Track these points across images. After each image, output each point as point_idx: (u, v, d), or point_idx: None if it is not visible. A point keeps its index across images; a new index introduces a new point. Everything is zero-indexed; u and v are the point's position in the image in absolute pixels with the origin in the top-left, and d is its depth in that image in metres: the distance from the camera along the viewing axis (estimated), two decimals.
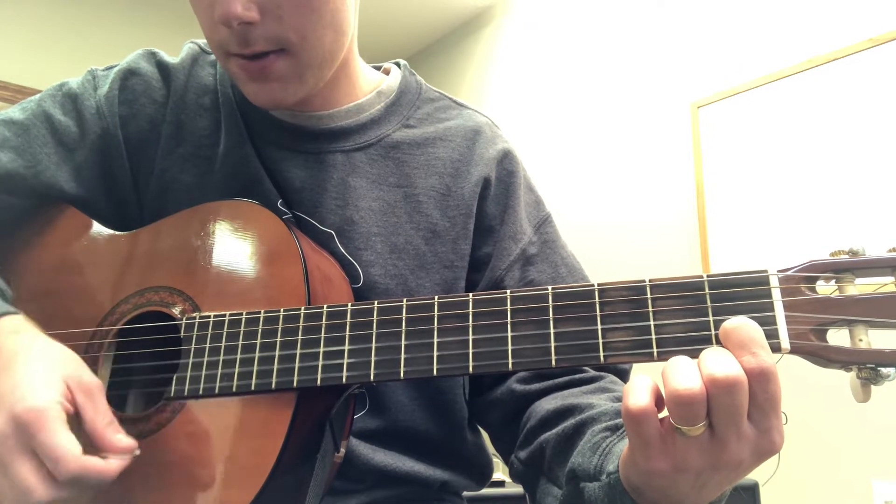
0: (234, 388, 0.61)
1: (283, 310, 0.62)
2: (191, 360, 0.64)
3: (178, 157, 0.79)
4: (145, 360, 0.69)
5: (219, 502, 0.59)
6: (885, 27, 2.00)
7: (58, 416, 0.53)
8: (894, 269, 0.49)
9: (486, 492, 1.63)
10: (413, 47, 3.95)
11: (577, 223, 2.80)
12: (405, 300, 0.60)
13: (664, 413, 0.47)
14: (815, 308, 0.49)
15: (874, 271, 0.50)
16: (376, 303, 0.60)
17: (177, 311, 0.67)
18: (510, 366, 0.55)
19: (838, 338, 0.50)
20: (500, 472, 1.91)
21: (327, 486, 0.68)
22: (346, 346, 0.60)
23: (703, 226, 2.38)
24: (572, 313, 0.55)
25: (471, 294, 0.58)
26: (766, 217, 2.20)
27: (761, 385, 0.46)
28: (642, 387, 0.48)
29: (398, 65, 0.89)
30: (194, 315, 0.66)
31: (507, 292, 0.57)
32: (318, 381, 0.59)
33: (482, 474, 0.84)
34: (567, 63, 3.05)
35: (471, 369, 0.56)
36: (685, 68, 2.54)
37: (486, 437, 0.85)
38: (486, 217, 0.81)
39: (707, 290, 0.52)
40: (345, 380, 0.59)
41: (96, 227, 0.77)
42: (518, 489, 1.79)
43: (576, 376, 0.73)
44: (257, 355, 0.62)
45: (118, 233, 0.76)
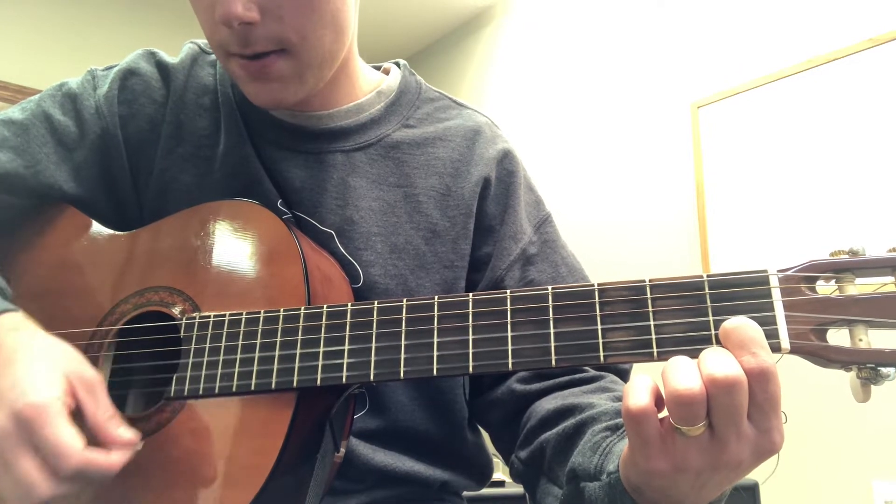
0: (233, 388, 0.61)
1: (283, 310, 0.62)
2: (191, 360, 0.64)
3: (177, 157, 0.79)
4: (145, 360, 0.69)
5: (219, 502, 0.59)
6: (885, 27, 2.01)
7: (60, 412, 0.53)
8: (894, 269, 0.49)
9: (486, 492, 1.63)
10: (413, 47, 3.95)
11: (577, 223, 2.80)
12: (405, 300, 0.60)
13: (664, 413, 0.47)
14: (815, 308, 0.49)
15: (874, 271, 0.50)
16: (376, 303, 0.60)
17: (177, 311, 0.67)
18: (510, 366, 0.55)
19: (838, 338, 0.50)
20: (500, 472, 1.91)
21: (327, 486, 0.68)
22: (346, 346, 0.60)
23: (703, 226, 2.38)
24: (572, 313, 0.55)
25: (471, 294, 0.58)
26: (766, 217, 2.20)
27: (761, 385, 0.46)
28: (642, 387, 0.48)
29: (398, 65, 0.89)
30: (194, 315, 0.66)
31: (507, 292, 0.57)
32: (318, 381, 0.59)
33: (482, 474, 0.84)
34: (567, 63, 3.05)
35: (471, 369, 0.56)
36: (685, 68, 2.54)
37: (486, 436, 0.85)
38: (486, 217, 0.81)
39: (707, 290, 0.52)
40: (345, 380, 0.59)
41: (96, 227, 0.77)
42: (518, 489, 1.79)
43: (576, 376, 0.73)
44: (257, 355, 0.62)
45: (118, 233, 0.76)
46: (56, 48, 3.27)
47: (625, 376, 0.76)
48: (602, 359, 0.53)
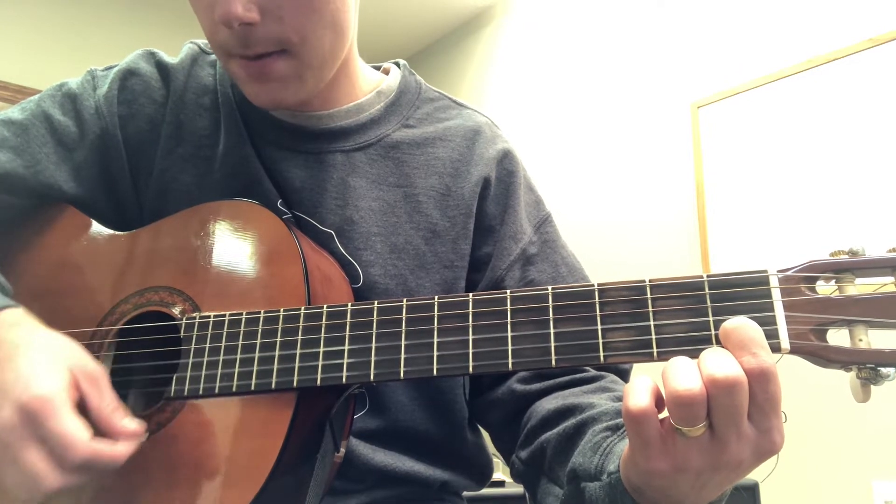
0: (233, 388, 0.61)
1: (283, 310, 0.62)
2: (191, 360, 0.64)
3: (177, 157, 0.79)
4: (145, 360, 0.69)
5: (219, 502, 0.59)
6: (885, 27, 2.01)
7: (65, 403, 0.54)
8: (894, 269, 0.49)
9: (486, 492, 1.63)
10: (413, 47, 3.95)
11: (577, 223, 2.80)
12: (405, 300, 0.60)
13: (664, 413, 0.47)
14: (815, 308, 0.49)
15: (874, 271, 0.50)
16: (376, 303, 0.60)
17: (177, 310, 0.67)
18: (510, 366, 0.55)
19: (838, 338, 0.50)
20: (500, 472, 1.92)
21: (327, 486, 0.68)
22: (346, 346, 0.60)
23: (703, 226, 2.38)
24: (572, 313, 0.55)
25: (471, 294, 0.58)
26: (766, 217, 2.20)
27: (761, 385, 0.46)
28: (642, 387, 0.48)
29: (398, 65, 0.89)
30: (194, 315, 0.66)
31: (507, 292, 0.57)
32: (318, 381, 0.59)
33: (482, 474, 0.84)
34: (567, 63, 3.05)
35: (471, 369, 0.56)
36: (685, 68, 2.54)
37: (486, 436, 0.85)
38: (486, 217, 0.81)
39: (707, 290, 0.52)
40: (345, 380, 0.59)
41: (96, 227, 0.77)
42: (518, 489, 1.79)
43: (576, 376, 0.73)
44: (257, 355, 0.62)
45: (118, 233, 0.76)
46: (56, 48, 3.27)
47: (625, 376, 0.76)
48: (602, 359, 0.53)
